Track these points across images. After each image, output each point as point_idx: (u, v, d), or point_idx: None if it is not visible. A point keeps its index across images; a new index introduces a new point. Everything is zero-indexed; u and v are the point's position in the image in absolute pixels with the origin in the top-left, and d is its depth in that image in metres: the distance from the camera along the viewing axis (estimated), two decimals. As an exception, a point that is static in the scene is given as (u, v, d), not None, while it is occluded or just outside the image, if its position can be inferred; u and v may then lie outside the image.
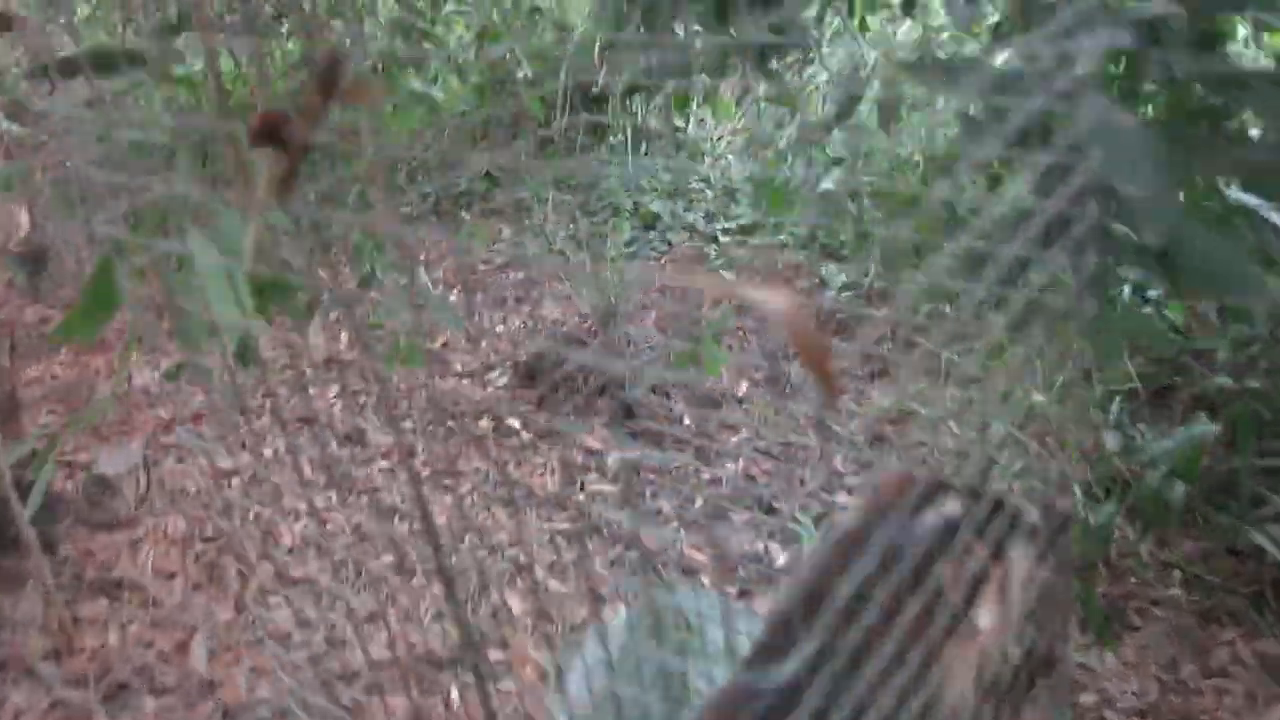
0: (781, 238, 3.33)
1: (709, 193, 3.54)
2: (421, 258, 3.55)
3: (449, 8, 2.63)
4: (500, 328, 3.24)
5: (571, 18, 4.01)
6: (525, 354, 2.96)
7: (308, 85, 0.51)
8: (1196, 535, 2.02)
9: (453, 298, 3.45)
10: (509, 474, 2.41)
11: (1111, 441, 2.14)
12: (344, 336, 3.12)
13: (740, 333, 3.03)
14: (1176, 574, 1.98)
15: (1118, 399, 2.19)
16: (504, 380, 2.91)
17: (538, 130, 3.84)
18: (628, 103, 3.59)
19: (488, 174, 3.83)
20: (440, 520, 2.39)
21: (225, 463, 2.59)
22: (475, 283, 3.51)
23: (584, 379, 2.71)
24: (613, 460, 2.44)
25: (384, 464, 2.54)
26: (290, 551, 2.18)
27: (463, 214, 3.84)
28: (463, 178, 3.89)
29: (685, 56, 1.71)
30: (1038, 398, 2.29)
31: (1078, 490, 2.08)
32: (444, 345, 3.13)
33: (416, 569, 2.13)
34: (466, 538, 2.25)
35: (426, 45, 2.38)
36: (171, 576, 2.12)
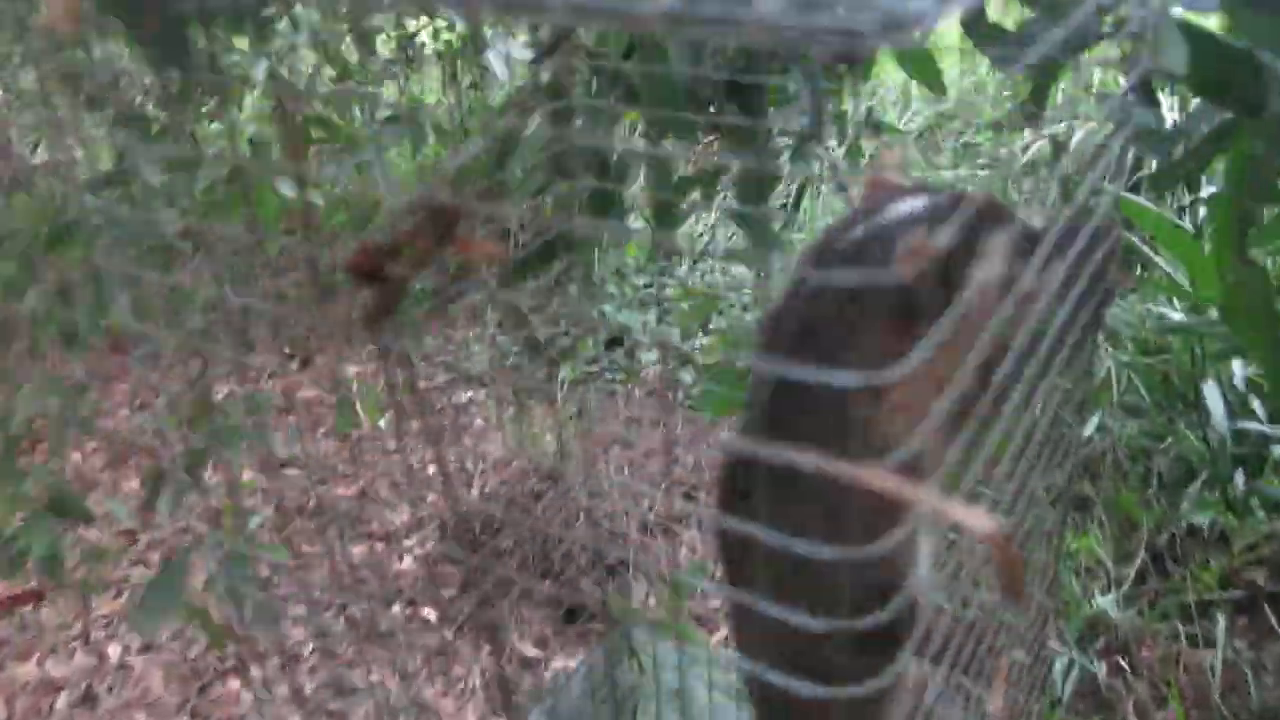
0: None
1: (685, 305, 3.04)
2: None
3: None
4: (433, 467, 2.69)
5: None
6: (459, 511, 2.41)
7: (421, 223, 0.47)
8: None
9: (383, 423, 2.90)
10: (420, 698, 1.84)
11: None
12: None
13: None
14: None
15: (1222, 611, 1.65)
16: (430, 544, 2.35)
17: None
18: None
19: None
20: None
21: (58, 669, 2.01)
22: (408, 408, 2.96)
23: (527, 554, 2.15)
24: (550, 676, 1.87)
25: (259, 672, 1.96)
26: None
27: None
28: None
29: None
30: (1103, 602, 1.75)
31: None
32: (362, 494, 2.57)
33: None
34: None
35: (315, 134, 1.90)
36: None
